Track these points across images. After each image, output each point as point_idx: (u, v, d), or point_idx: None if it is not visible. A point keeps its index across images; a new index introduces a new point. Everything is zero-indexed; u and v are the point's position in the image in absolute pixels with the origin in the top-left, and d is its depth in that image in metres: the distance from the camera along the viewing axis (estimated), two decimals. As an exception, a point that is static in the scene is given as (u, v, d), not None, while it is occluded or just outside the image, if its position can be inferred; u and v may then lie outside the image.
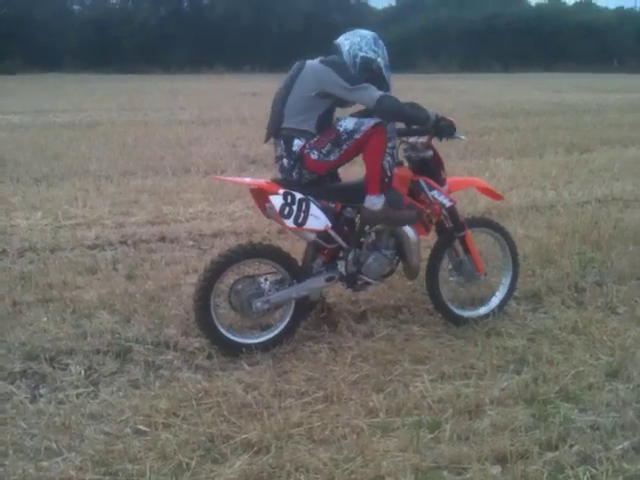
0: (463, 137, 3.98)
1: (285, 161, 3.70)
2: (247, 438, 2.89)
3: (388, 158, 3.68)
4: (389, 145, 3.67)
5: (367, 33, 3.80)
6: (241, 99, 20.15)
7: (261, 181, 3.77)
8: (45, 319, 4.10)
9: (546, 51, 45.88)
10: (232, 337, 3.72)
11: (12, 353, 3.66)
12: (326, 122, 3.70)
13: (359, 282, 3.93)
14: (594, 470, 2.68)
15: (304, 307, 3.88)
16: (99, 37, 41.81)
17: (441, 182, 3.94)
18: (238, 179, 4.09)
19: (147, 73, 37.60)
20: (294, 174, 3.70)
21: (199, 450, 2.82)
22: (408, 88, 22.25)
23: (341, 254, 3.89)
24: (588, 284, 4.74)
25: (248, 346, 3.69)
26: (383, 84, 3.73)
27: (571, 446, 2.84)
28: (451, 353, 3.74)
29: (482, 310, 4.22)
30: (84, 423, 3.01)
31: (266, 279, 3.75)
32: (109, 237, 5.86)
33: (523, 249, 5.31)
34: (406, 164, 3.99)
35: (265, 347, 3.72)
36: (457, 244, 4.08)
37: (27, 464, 2.72)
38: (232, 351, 3.67)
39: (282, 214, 3.57)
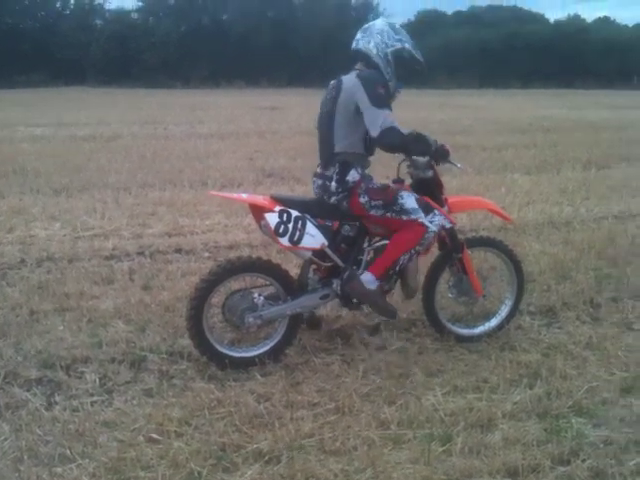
0: (459, 165, 3.92)
1: (334, 185, 3.65)
2: (258, 448, 2.90)
3: (407, 257, 3.70)
4: (418, 249, 3.70)
5: (381, 25, 3.75)
6: (260, 113, 20.34)
7: (259, 198, 3.76)
8: (61, 328, 4.15)
9: (565, 68, 45.87)
10: (224, 350, 3.69)
11: (28, 361, 3.71)
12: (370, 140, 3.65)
13: (354, 300, 3.86)
14: (607, 485, 2.66)
15: (298, 322, 3.83)
16: (121, 51, 42.57)
17: (441, 203, 3.84)
18: (235, 195, 4.04)
19: (168, 87, 38.10)
20: (333, 199, 3.68)
21: (211, 459, 2.84)
22: (427, 104, 22.34)
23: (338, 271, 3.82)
24: (604, 300, 4.72)
25: (241, 360, 3.68)
26: (418, 64, 3.79)
27: (583, 461, 2.82)
28: (464, 367, 3.73)
29: (480, 329, 4.15)
30: (98, 430, 3.04)
31: (260, 294, 3.69)
32: (126, 248, 5.93)
33: (539, 264, 5.31)
34: (408, 182, 3.95)
35: (259, 360, 3.67)
36: (456, 264, 4.03)
37: (41, 470, 2.75)
38: (222, 364, 3.63)
39: (277, 232, 3.54)
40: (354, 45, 3.77)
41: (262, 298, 3.67)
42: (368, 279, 3.70)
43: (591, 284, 4.95)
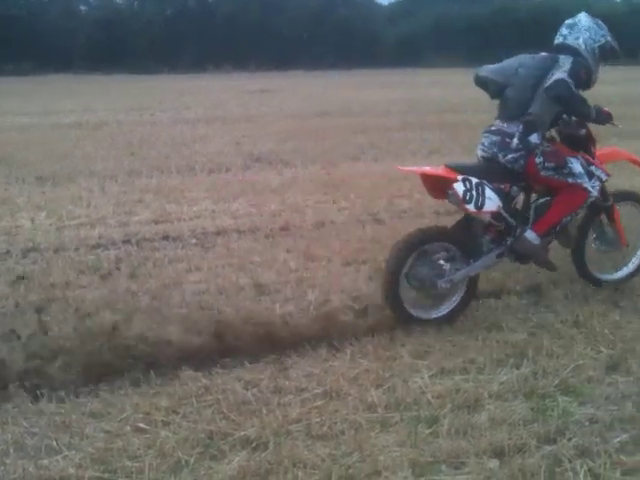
0: (620, 125, 4.38)
1: (515, 142, 3.99)
2: (246, 435, 2.89)
3: (568, 218, 4.11)
4: (579, 211, 4.16)
5: (587, 22, 4.19)
6: (248, 97, 20.19)
7: (439, 169, 4.03)
8: (48, 318, 4.11)
9: (552, 45, 45.60)
10: (415, 313, 4.00)
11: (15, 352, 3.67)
12: (555, 120, 4.17)
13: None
14: (592, 463, 2.67)
15: (476, 284, 4.13)
16: (106, 37, 42.13)
17: (592, 157, 4.23)
18: (416, 168, 4.32)
19: (155, 73, 37.80)
20: (510, 156, 3.99)
21: (198, 447, 2.83)
22: (414, 83, 22.22)
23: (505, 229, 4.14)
24: (591, 277, 4.71)
25: (428, 321, 3.99)
26: (617, 54, 4.28)
27: (569, 439, 2.82)
28: (451, 348, 3.74)
29: (620, 274, 4.60)
30: (84, 422, 3.03)
31: (444, 260, 3.97)
32: (112, 236, 5.89)
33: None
34: (557, 139, 4.28)
35: (446, 320, 4.02)
36: (603, 215, 4.42)
37: (27, 462, 2.73)
38: (412, 325, 3.93)
39: (464, 200, 3.84)
40: (560, 40, 4.22)
41: (448, 264, 3.95)
42: (532, 236, 4.07)
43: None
